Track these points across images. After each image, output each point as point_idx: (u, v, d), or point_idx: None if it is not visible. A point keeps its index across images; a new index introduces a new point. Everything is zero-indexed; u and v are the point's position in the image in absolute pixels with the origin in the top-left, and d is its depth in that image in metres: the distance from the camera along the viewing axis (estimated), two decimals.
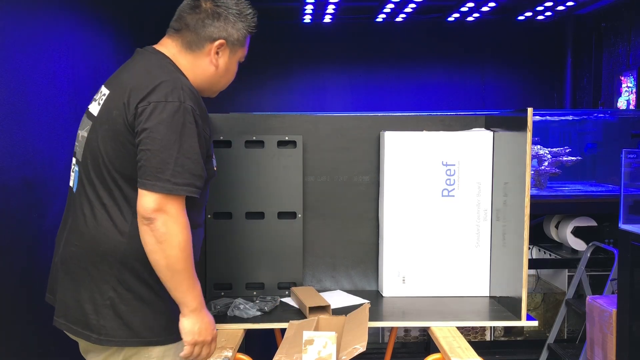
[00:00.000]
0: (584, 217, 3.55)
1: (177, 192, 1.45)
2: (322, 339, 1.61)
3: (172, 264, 1.46)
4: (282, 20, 5.74)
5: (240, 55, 1.71)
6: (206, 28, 1.61)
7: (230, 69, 1.70)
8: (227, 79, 1.72)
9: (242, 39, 1.67)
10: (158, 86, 1.49)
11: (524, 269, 1.84)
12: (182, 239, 1.46)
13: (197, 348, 1.55)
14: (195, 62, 1.63)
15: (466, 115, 2.25)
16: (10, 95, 2.19)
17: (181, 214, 1.47)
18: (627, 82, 5.02)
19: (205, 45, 1.62)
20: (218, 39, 1.62)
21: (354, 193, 2.23)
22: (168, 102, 1.47)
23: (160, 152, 1.44)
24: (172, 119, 1.45)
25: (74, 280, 1.56)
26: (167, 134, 1.45)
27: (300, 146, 2.16)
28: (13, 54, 2.23)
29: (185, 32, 1.62)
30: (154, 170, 1.44)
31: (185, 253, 1.47)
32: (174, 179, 1.44)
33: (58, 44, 2.67)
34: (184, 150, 1.46)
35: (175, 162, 1.45)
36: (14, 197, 2.22)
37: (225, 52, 1.65)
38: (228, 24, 1.63)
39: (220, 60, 1.65)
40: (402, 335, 3.82)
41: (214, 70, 1.65)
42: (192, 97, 1.51)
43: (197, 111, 1.50)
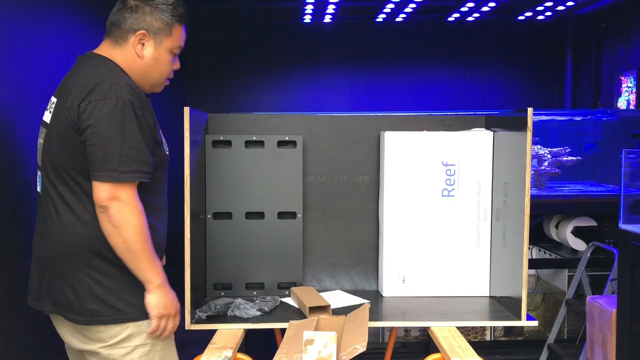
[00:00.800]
0: (584, 217, 3.55)
1: (125, 179, 1.60)
2: (323, 339, 1.61)
3: (130, 246, 1.62)
4: (282, 20, 5.74)
5: (169, 45, 1.77)
6: (127, 21, 1.73)
7: (160, 59, 1.77)
8: (159, 70, 1.78)
9: (165, 28, 1.75)
10: (96, 85, 1.61)
11: (524, 269, 1.84)
12: (137, 222, 1.61)
13: (163, 321, 1.71)
14: (125, 55, 1.74)
15: (466, 115, 2.25)
16: (10, 95, 2.19)
17: (133, 199, 1.62)
18: (627, 82, 5.02)
19: (128, 37, 1.73)
20: (138, 29, 1.73)
21: (354, 193, 2.23)
22: (107, 98, 1.59)
23: (104, 145, 1.59)
24: (112, 113, 1.59)
25: (52, 274, 1.70)
26: (108, 127, 1.59)
27: (300, 146, 2.16)
28: (13, 54, 2.23)
29: (112, 30, 1.75)
30: (102, 162, 1.59)
31: (142, 235, 1.63)
32: (121, 167, 1.59)
33: (58, 44, 2.67)
34: (126, 140, 1.60)
35: (120, 152, 1.59)
36: (14, 197, 2.22)
37: (149, 42, 1.74)
38: (146, 15, 1.73)
39: (145, 51, 1.74)
40: (402, 335, 3.82)
41: (141, 61, 1.74)
42: (129, 91, 1.63)
43: (136, 103, 1.62)
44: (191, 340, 3.46)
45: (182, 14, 1.79)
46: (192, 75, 5.73)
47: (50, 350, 2.40)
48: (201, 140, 2.07)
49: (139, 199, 1.64)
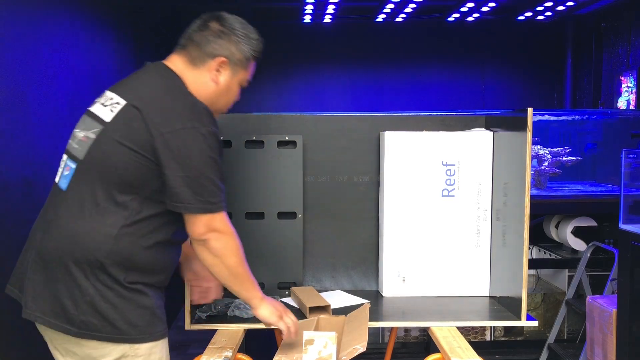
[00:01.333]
0: (584, 217, 3.55)
1: (217, 210, 1.58)
2: (323, 339, 1.61)
3: (234, 271, 1.63)
4: (282, 20, 5.74)
5: (241, 78, 1.74)
6: (210, 44, 1.67)
7: (231, 89, 1.74)
8: (226, 99, 1.76)
9: (244, 61, 1.71)
10: (183, 111, 1.57)
11: (524, 269, 1.84)
12: (235, 247, 1.63)
13: (285, 321, 1.70)
14: (198, 78, 1.67)
15: (466, 115, 2.24)
16: (10, 95, 2.19)
17: (227, 225, 1.62)
18: (627, 82, 5.03)
19: (207, 61, 1.67)
20: (220, 56, 1.67)
21: (354, 193, 2.23)
22: (194, 127, 1.55)
23: (197, 177, 1.55)
24: (202, 144, 1.55)
25: (51, 275, 1.58)
26: (200, 159, 1.55)
27: (300, 146, 2.16)
28: (13, 54, 2.23)
29: (190, 48, 1.68)
30: (194, 194, 1.55)
31: (241, 257, 1.64)
32: (212, 198, 1.57)
33: (58, 44, 2.67)
34: (214, 171, 1.58)
35: (211, 183, 1.57)
36: (14, 197, 2.22)
37: (226, 71, 1.69)
38: (231, 44, 1.68)
39: (221, 77, 1.69)
40: (402, 335, 3.82)
41: (214, 87, 1.69)
42: (212, 119, 1.60)
43: (217, 132, 1.60)
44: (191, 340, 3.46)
45: (261, 51, 1.77)
46: None
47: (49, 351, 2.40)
48: None
49: (230, 223, 1.63)
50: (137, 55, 4.00)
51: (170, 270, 1.70)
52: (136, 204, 1.56)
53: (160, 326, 1.63)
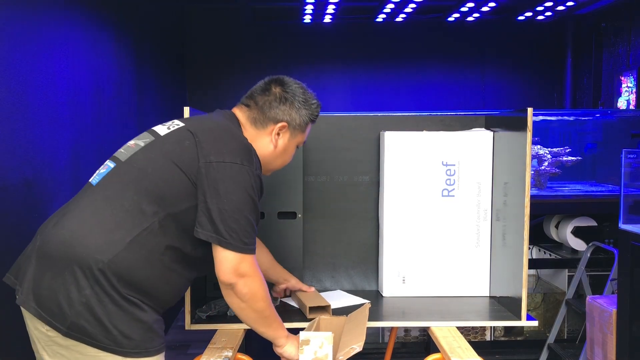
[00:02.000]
0: (584, 217, 3.55)
1: (250, 252, 1.57)
2: (319, 339, 1.61)
3: (261, 315, 1.64)
4: (282, 20, 5.74)
5: (299, 140, 1.83)
6: (272, 109, 1.74)
7: (288, 151, 1.81)
8: (282, 160, 1.83)
9: (303, 125, 1.79)
10: (234, 148, 1.60)
11: (524, 269, 1.84)
12: (263, 292, 1.62)
13: None
14: (257, 138, 1.74)
15: (466, 115, 2.25)
16: (10, 95, 2.19)
17: (256, 270, 1.60)
18: (627, 82, 5.03)
19: (268, 124, 1.75)
20: (281, 121, 1.75)
21: (354, 193, 2.23)
22: (243, 165, 1.58)
23: (233, 211, 1.54)
24: (245, 182, 1.57)
25: (53, 267, 1.52)
26: (239, 195, 1.55)
27: (301, 146, 2.15)
28: (13, 54, 2.23)
29: (253, 109, 1.75)
30: (228, 229, 1.54)
31: (268, 300, 1.64)
32: (246, 239, 1.56)
33: (58, 44, 2.67)
34: (252, 212, 1.58)
35: (247, 223, 1.57)
36: (14, 197, 2.22)
37: (285, 135, 1.77)
38: (292, 109, 1.76)
39: (280, 141, 1.77)
40: (402, 335, 3.82)
41: (272, 150, 1.76)
42: (259, 166, 1.65)
43: (262, 180, 1.64)
44: (191, 340, 3.47)
45: (318, 115, 1.84)
46: (192, 75, 5.73)
47: None
48: None
49: (258, 266, 1.62)
50: (137, 55, 4.00)
51: (170, 300, 1.63)
52: (157, 220, 1.54)
53: (157, 341, 1.57)
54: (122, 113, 3.59)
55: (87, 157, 2.98)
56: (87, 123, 3.00)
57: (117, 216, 1.52)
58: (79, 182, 2.89)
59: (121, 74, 3.63)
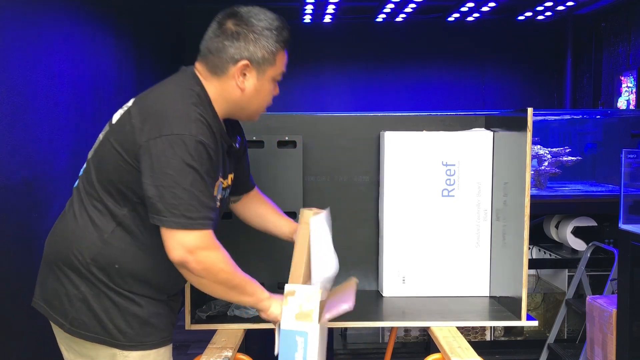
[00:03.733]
0: (584, 217, 3.55)
1: (198, 227, 1.42)
2: (306, 292, 1.51)
3: (226, 285, 1.50)
4: None
5: (272, 75, 1.61)
6: (227, 50, 1.53)
7: (262, 90, 1.60)
8: (259, 101, 1.62)
9: (269, 57, 1.57)
10: (173, 119, 1.44)
11: (524, 269, 1.84)
12: (221, 263, 1.47)
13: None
14: (223, 87, 1.56)
15: (466, 115, 2.24)
16: (11, 95, 2.19)
17: (209, 244, 1.45)
18: (627, 82, 5.03)
19: (228, 68, 1.54)
20: (240, 59, 1.53)
21: (354, 193, 2.23)
22: (178, 134, 1.42)
23: (171, 187, 1.40)
24: (181, 152, 1.41)
25: (53, 269, 1.57)
26: (175, 167, 1.41)
27: (300, 146, 2.15)
28: (13, 54, 2.23)
29: (209, 57, 1.55)
30: (167, 206, 1.40)
31: (231, 269, 1.48)
32: (190, 213, 1.41)
33: (58, 44, 2.67)
34: (194, 183, 1.42)
35: (189, 196, 1.41)
36: (14, 197, 2.22)
37: (252, 73, 1.56)
38: (249, 43, 1.53)
39: (247, 82, 1.56)
40: (402, 335, 3.82)
41: (241, 94, 1.56)
42: (206, 131, 1.46)
43: (211, 145, 1.46)
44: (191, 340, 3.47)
45: (287, 38, 1.62)
46: None
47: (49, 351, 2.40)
48: None
49: (214, 237, 1.47)
50: (137, 55, 4.00)
51: (166, 283, 1.59)
52: (126, 211, 1.50)
53: (155, 335, 1.56)
54: None
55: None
56: (87, 123, 3.00)
57: (92, 217, 1.53)
58: None
59: (121, 74, 3.63)
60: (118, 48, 3.58)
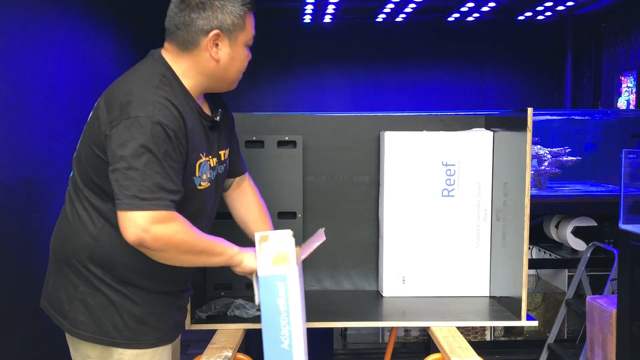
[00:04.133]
0: (584, 217, 3.55)
1: (151, 207, 1.39)
2: (278, 236, 1.49)
3: (192, 251, 1.47)
4: (282, 20, 5.74)
5: (244, 40, 1.58)
6: (195, 22, 1.50)
7: (238, 56, 1.58)
8: (236, 68, 1.60)
9: (238, 22, 1.54)
10: (132, 104, 1.43)
11: (524, 269, 1.84)
12: (180, 233, 1.44)
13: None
14: (196, 60, 1.53)
15: (466, 115, 2.24)
16: (11, 95, 2.19)
17: (165, 219, 1.42)
18: (627, 82, 5.03)
19: (200, 39, 1.51)
20: (211, 29, 1.51)
21: (354, 193, 2.23)
22: (133, 117, 1.41)
23: (125, 169, 1.39)
24: (136, 133, 1.40)
25: (54, 270, 1.61)
26: (129, 149, 1.40)
27: (300, 146, 2.16)
28: (13, 54, 2.23)
29: (177, 33, 1.52)
30: (121, 188, 1.40)
31: (192, 236, 1.46)
32: (143, 194, 1.39)
33: (58, 44, 2.67)
34: (149, 165, 1.40)
35: (143, 177, 1.39)
36: (14, 197, 2.22)
37: (224, 41, 1.53)
38: (216, 11, 1.51)
39: (221, 52, 1.54)
40: (402, 335, 3.82)
41: (216, 64, 1.54)
42: (165, 112, 1.44)
43: (169, 125, 1.43)
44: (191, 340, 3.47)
45: (251, 1, 1.58)
46: None
47: (49, 351, 2.40)
48: None
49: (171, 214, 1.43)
50: (137, 55, 4.00)
51: (166, 274, 1.56)
52: (111, 206, 1.47)
53: (152, 334, 1.55)
54: None
55: None
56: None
57: (81, 216, 1.55)
58: None
59: (121, 74, 3.63)
60: (118, 48, 3.58)
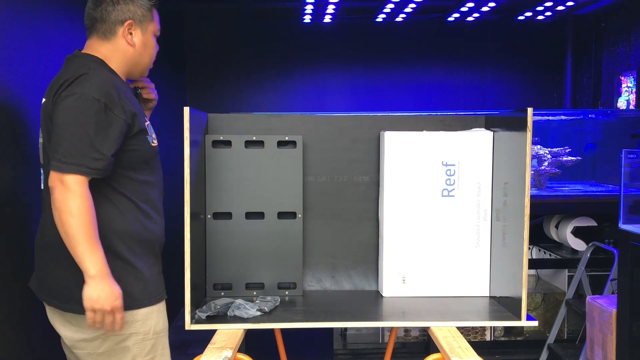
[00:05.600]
0: (584, 217, 3.55)
1: (66, 170, 1.68)
2: None
3: (66, 229, 1.68)
4: (282, 20, 5.74)
5: (152, 30, 1.93)
6: (112, 14, 1.84)
7: (148, 43, 1.92)
8: (148, 54, 1.94)
9: (147, 14, 1.90)
10: (68, 81, 1.74)
11: (524, 269, 1.84)
12: (75, 208, 1.67)
13: (98, 315, 1.71)
14: (115, 48, 1.86)
15: (466, 115, 2.24)
16: (11, 95, 2.19)
17: (76, 186, 1.68)
18: (627, 82, 5.03)
19: (117, 29, 1.85)
20: (125, 20, 1.85)
21: (354, 193, 2.23)
22: (72, 94, 1.71)
23: (56, 136, 1.71)
24: (71, 107, 1.70)
25: (57, 263, 1.79)
26: (65, 120, 1.70)
27: (300, 146, 2.16)
28: (13, 54, 2.23)
29: (97, 25, 1.86)
30: (51, 153, 1.72)
31: (79, 220, 1.67)
32: (65, 158, 1.68)
33: (58, 44, 2.67)
34: (77, 134, 1.69)
35: (67, 144, 1.69)
36: (14, 197, 2.22)
37: (137, 30, 1.88)
38: (128, 4, 1.86)
39: (135, 38, 1.88)
40: (402, 335, 3.82)
41: (133, 50, 1.88)
42: (98, 87, 1.72)
43: (101, 100, 1.71)
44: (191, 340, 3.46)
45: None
46: (192, 75, 5.73)
47: (48, 351, 2.40)
48: (201, 140, 2.07)
49: (86, 188, 1.70)
50: None
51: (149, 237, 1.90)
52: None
53: (154, 292, 1.88)
54: None
55: None
56: None
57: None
58: None
59: None
60: None
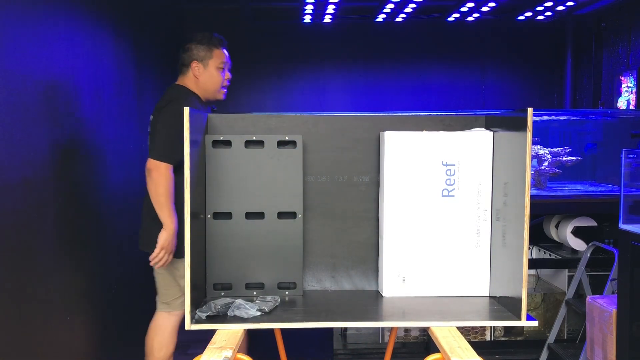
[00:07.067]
0: (584, 217, 3.55)
1: (151, 156, 2.73)
2: None
3: (157, 198, 2.72)
4: (282, 20, 5.74)
5: (214, 65, 2.95)
6: (185, 60, 2.95)
7: (210, 75, 2.94)
8: (212, 83, 2.95)
9: (207, 54, 2.92)
10: (163, 102, 2.85)
11: (524, 269, 1.84)
12: (163, 185, 2.71)
13: (162, 253, 2.74)
14: (190, 80, 2.95)
15: (466, 115, 2.24)
16: (10, 95, 2.19)
17: (158, 170, 2.70)
18: (627, 82, 5.03)
19: (188, 68, 2.95)
20: (191, 61, 2.93)
21: (354, 193, 2.23)
22: (169, 105, 2.81)
23: (152, 135, 2.82)
24: (165, 118, 2.78)
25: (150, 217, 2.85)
26: (160, 122, 2.78)
27: (300, 146, 2.16)
28: (13, 54, 2.23)
29: (181, 67, 2.97)
30: (150, 145, 2.82)
31: (165, 194, 2.71)
32: (152, 148, 2.77)
33: (58, 44, 2.67)
34: (165, 132, 2.74)
35: (160, 141, 2.75)
36: (14, 197, 2.22)
37: (199, 66, 2.92)
38: (193, 50, 2.93)
39: (198, 71, 2.93)
40: (402, 335, 3.82)
41: (198, 80, 2.93)
42: (188, 103, 2.64)
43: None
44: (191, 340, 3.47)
45: (216, 41, 2.95)
46: None
47: (47, 350, 2.40)
48: (201, 140, 2.07)
49: (171, 172, 2.71)
50: (137, 55, 4.00)
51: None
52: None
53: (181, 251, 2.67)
54: (122, 113, 3.59)
55: (87, 157, 2.98)
56: (87, 123, 3.00)
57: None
58: (78, 182, 2.89)
59: (121, 74, 3.63)
60: (118, 48, 3.57)
